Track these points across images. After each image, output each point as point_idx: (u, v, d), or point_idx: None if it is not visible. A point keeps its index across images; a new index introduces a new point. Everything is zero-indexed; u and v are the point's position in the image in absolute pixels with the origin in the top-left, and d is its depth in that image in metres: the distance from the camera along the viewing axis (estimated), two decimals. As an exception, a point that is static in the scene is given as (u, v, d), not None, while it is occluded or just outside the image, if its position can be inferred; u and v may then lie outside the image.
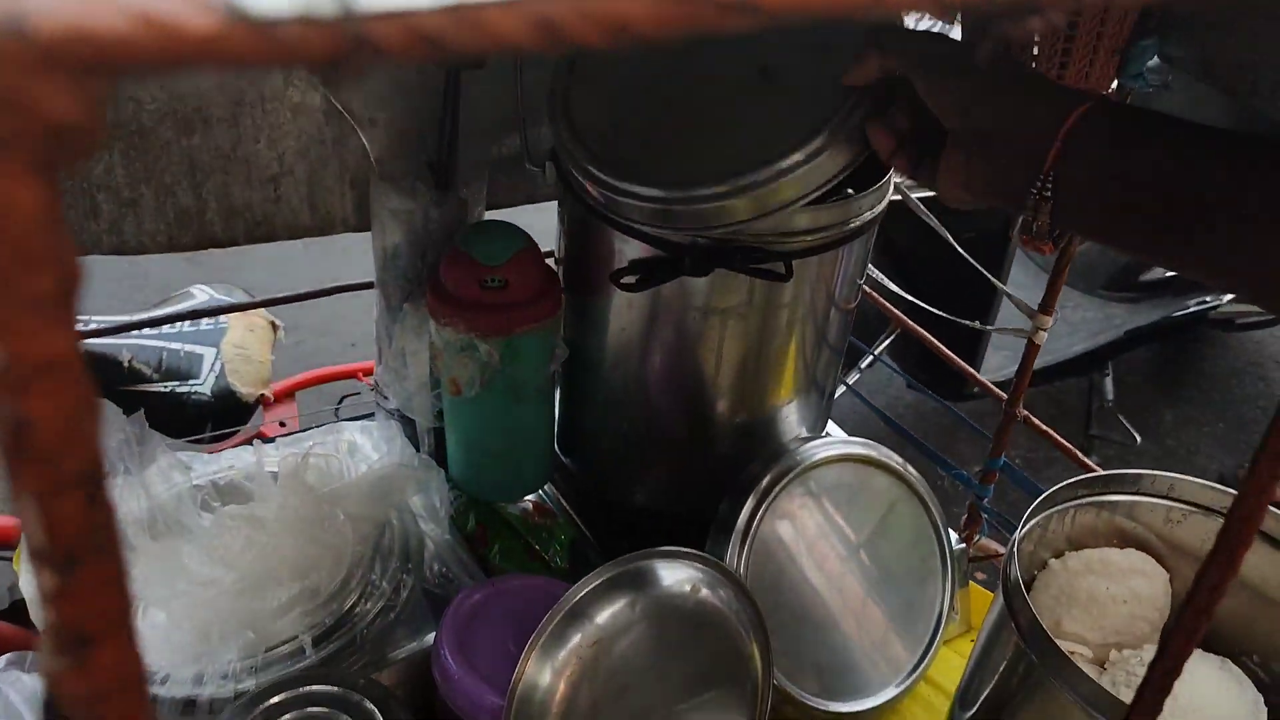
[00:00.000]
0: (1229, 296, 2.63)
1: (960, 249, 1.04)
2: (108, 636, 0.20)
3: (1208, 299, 2.65)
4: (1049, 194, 0.62)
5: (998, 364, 2.43)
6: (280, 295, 1.05)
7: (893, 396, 2.94)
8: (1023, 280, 2.51)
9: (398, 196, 0.92)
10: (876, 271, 1.17)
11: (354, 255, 1.10)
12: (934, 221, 0.99)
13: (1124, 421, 2.68)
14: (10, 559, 1.47)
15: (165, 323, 1.08)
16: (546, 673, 0.79)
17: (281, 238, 0.97)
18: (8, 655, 0.87)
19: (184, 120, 0.90)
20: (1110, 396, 2.69)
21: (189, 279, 1.48)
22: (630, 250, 0.86)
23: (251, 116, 0.92)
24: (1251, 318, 2.80)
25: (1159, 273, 2.67)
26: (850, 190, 0.87)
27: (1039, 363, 2.39)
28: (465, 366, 0.88)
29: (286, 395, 1.45)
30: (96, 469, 0.18)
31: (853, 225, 0.86)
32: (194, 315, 1.06)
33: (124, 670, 0.20)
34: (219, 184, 0.93)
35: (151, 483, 0.90)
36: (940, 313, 1.07)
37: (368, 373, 1.44)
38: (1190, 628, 0.45)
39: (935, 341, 1.14)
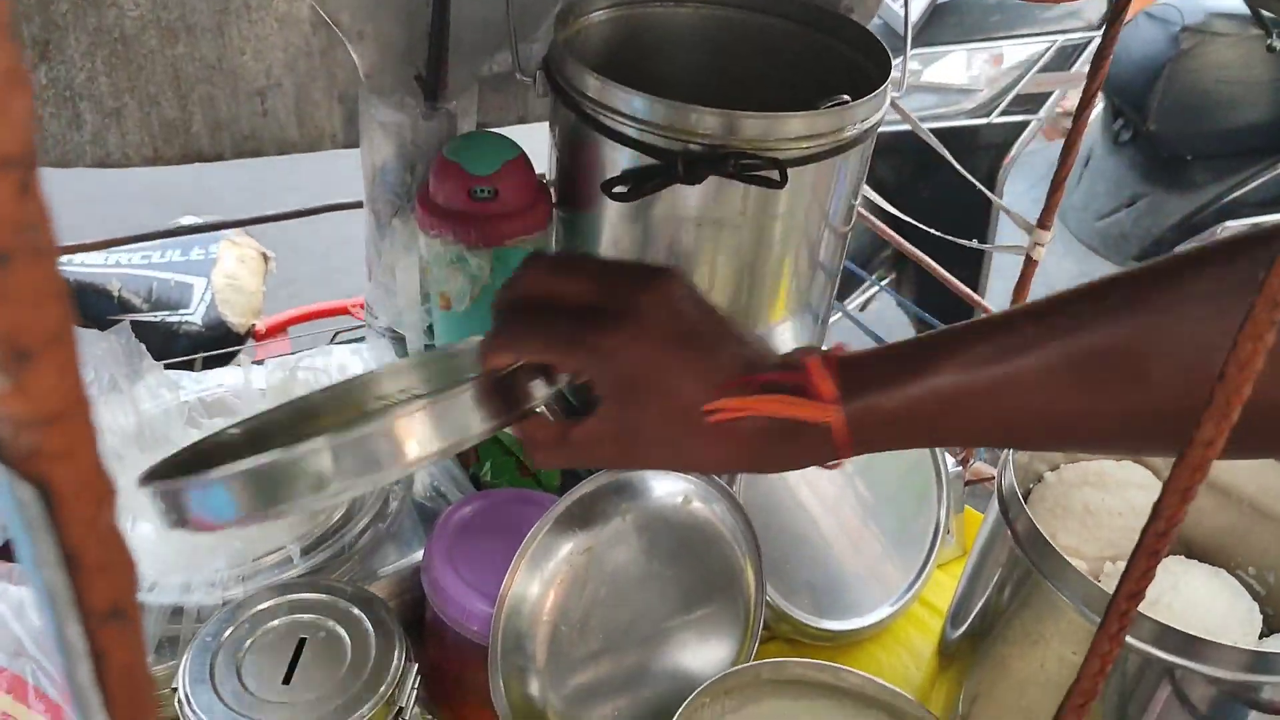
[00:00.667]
0: None
1: (962, 170, 1.03)
2: (46, 351, 0.19)
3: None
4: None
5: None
6: (270, 214, 1.04)
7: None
8: (1062, 254, 2.50)
9: (386, 109, 0.91)
10: (878, 197, 1.16)
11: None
12: (933, 140, 0.97)
13: None
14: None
15: (154, 239, 1.07)
16: (536, 582, 0.78)
17: (270, 153, 0.96)
18: (-6, 567, 0.86)
19: (168, 29, 0.88)
20: None
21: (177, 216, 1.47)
22: (622, 160, 0.84)
23: (237, 26, 0.91)
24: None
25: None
26: (846, 97, 0.85)
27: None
28: (455, 280, 0.87)
29: (279, 331, 1.44)
30: (28, 154, 0.17)
31: (849, 134, 0.84)
32: (184, 232, 1.04)
33: (66, 392, 0.19)
34: (204, 96, 0.92)
35: (140, 398, 0.90)
36: (935, 232, 1.05)
37: (360, 306, 1.43)
38: (1183, 486, 0.44)
39: (935, 265, 1.12)
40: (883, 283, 2.06)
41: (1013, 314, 0.52)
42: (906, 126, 0.93)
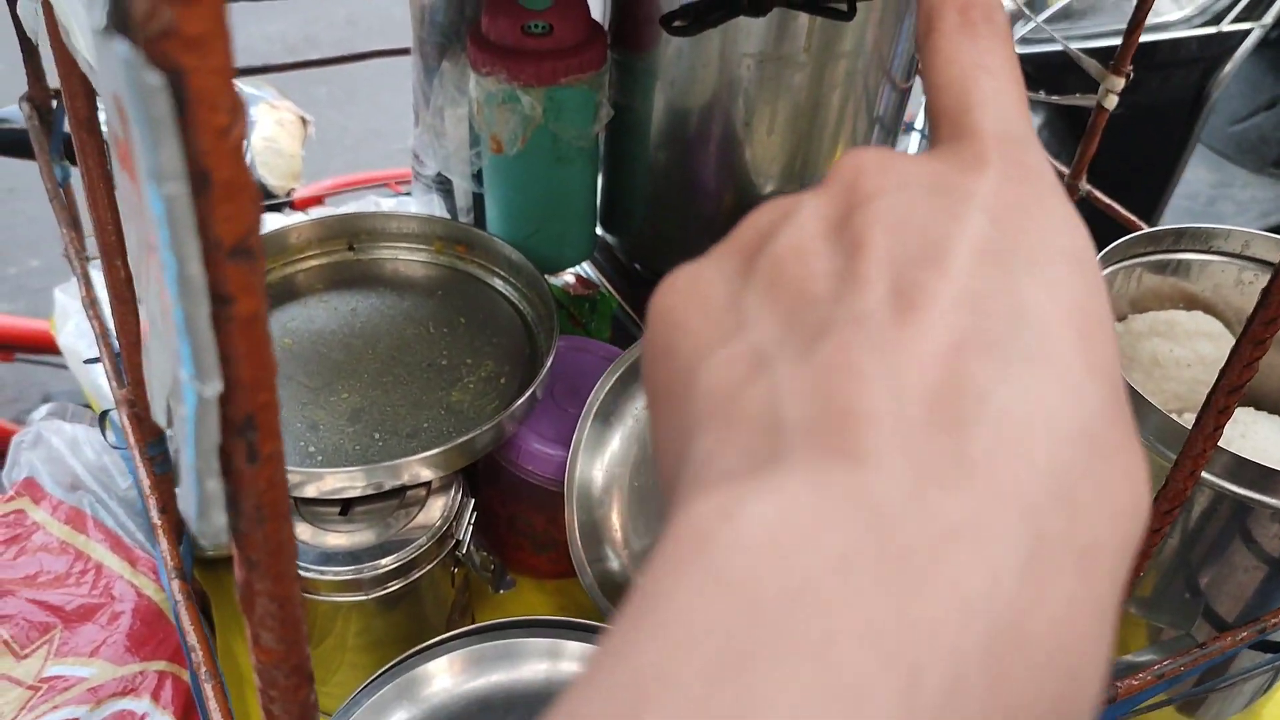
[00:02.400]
0: None
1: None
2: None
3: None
4: None
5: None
6: (313, 59, 1.01)
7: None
8: (1196, 162, 2.36)
9: (436, -55, 0.88)
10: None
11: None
12: (1082, 58, 0.90)
13: None
14: (36, 361, 1.48)
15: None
16: (603, 436, 0.78)
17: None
18: (49, 405, 0.87)
19: None
20: None
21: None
22: (683, -8, 0.81)
23: None
24: None
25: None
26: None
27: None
28: (506, 121, 0.84)
29: (316, 201, 1.43)
30: None
31: (919, -31, 0.81)
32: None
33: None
34: (248, -71, 0.89)
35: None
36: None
37: (401, 180, 1.41)
38: (1257, 337, 0.43)
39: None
40: None
41: None
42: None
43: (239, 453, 0.23)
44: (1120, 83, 0.87)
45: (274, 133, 1.32)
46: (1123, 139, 1.09)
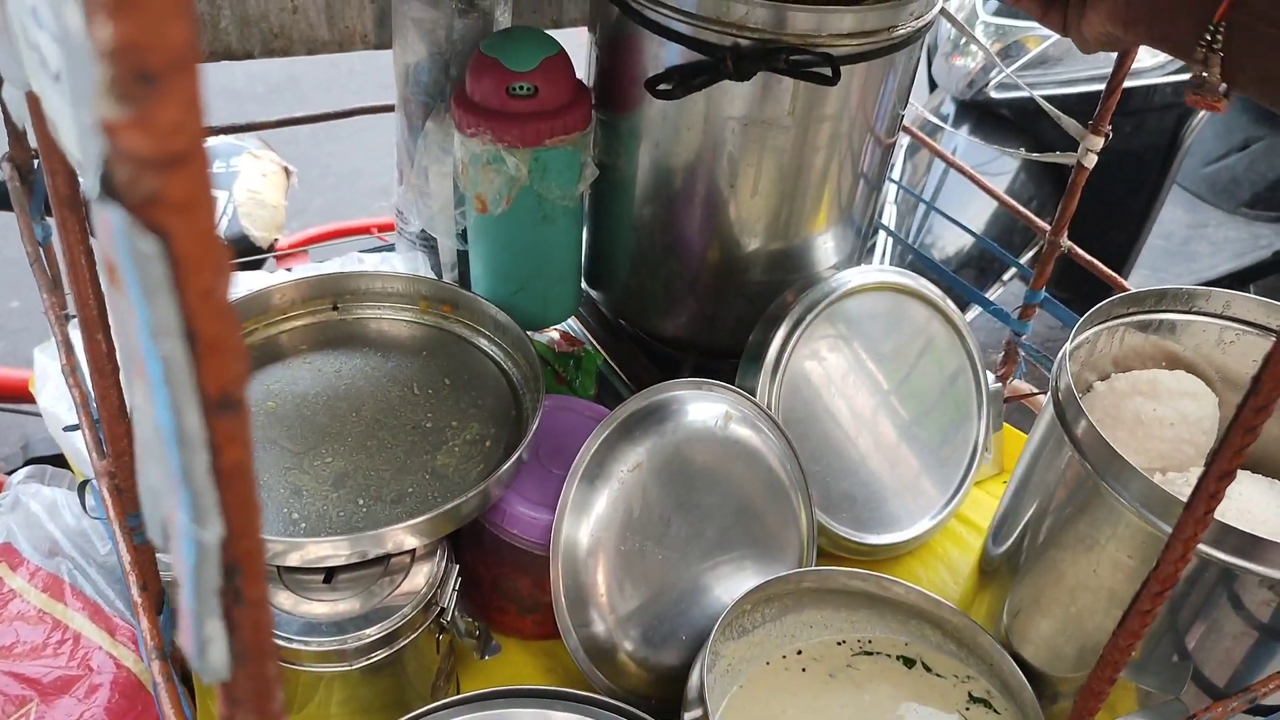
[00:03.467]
0: None
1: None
2: (171, 76, 0.17)
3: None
4: (1219, 46, 0.57)
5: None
6: (297, 116, 1.01)
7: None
8: (1171, 203, 2.38)
9: (421, 6, 0.88)
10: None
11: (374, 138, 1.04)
12: (1048, 105, 0.91)
13: None
14: (14, 410, 1.46)
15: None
16: (588, 499, 0.77)
17: (299, 52, 0.93)
18: (27, 469, 0.85)
19: (195, -82, 0.85)
20: None
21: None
22: (668, 56, 0.82)
23: (266, -83, 0.87)
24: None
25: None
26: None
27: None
28: (492, 181, 0.85)
29: (300, 251, 1.42)
30: None
31: (901, 32, 0.82)
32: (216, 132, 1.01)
33: (190, 131, 0.17)
34: (233, -10, 0.89)
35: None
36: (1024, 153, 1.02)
37: (384, 229, 1.41)
38: (1248, 424, 0.43)
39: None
40: (1032, 250, 1.93)
41: None
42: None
43: (225, 596, 0.23)
44: (1100, 142, 0.88)
45: (256, 183, 1.32)
46: (1099, 183, 1.10)
